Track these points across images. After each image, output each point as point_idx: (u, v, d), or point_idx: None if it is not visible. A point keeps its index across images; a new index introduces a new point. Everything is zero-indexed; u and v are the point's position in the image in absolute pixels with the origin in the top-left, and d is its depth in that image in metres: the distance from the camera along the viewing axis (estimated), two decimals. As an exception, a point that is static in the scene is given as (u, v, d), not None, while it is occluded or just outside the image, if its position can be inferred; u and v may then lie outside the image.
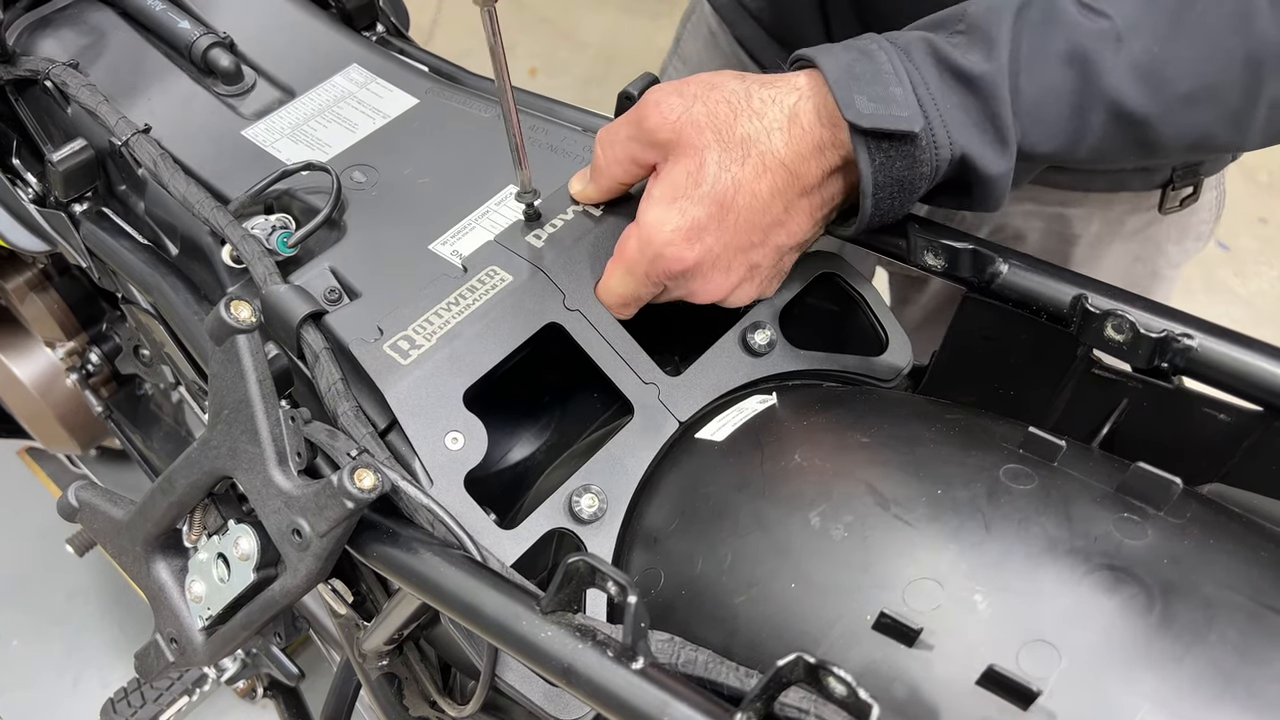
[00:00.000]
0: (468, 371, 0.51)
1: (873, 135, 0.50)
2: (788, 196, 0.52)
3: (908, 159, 0.50)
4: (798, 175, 0.52)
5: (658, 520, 0.50)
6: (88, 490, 0.55)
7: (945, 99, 0.50)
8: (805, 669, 0.33)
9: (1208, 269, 2.10)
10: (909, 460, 0.46)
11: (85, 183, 0.69)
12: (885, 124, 0.49)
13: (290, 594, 0.46)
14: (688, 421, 0.54)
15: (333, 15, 0.79)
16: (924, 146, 0.50)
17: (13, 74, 0.72)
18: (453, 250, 0.57)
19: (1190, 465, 0.46)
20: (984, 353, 0.57)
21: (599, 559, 0.37)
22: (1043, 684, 0.35)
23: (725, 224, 0.52)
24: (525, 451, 0.61)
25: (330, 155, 0.65)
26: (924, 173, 0.51)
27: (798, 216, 0.54)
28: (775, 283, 0.57)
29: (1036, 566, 0.39)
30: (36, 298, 1.01)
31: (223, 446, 0.47)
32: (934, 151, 0.50)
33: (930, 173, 0.51)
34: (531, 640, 0.39)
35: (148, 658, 0.55)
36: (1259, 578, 0.38)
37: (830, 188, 0.53)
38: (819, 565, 0.42)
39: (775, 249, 0.54)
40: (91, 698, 1.46)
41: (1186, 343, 0.47)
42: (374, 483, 0.42)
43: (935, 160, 0.50)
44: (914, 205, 0.54)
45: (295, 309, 0.53)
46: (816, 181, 0.52)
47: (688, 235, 0.51)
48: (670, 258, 0.52)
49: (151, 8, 0.75)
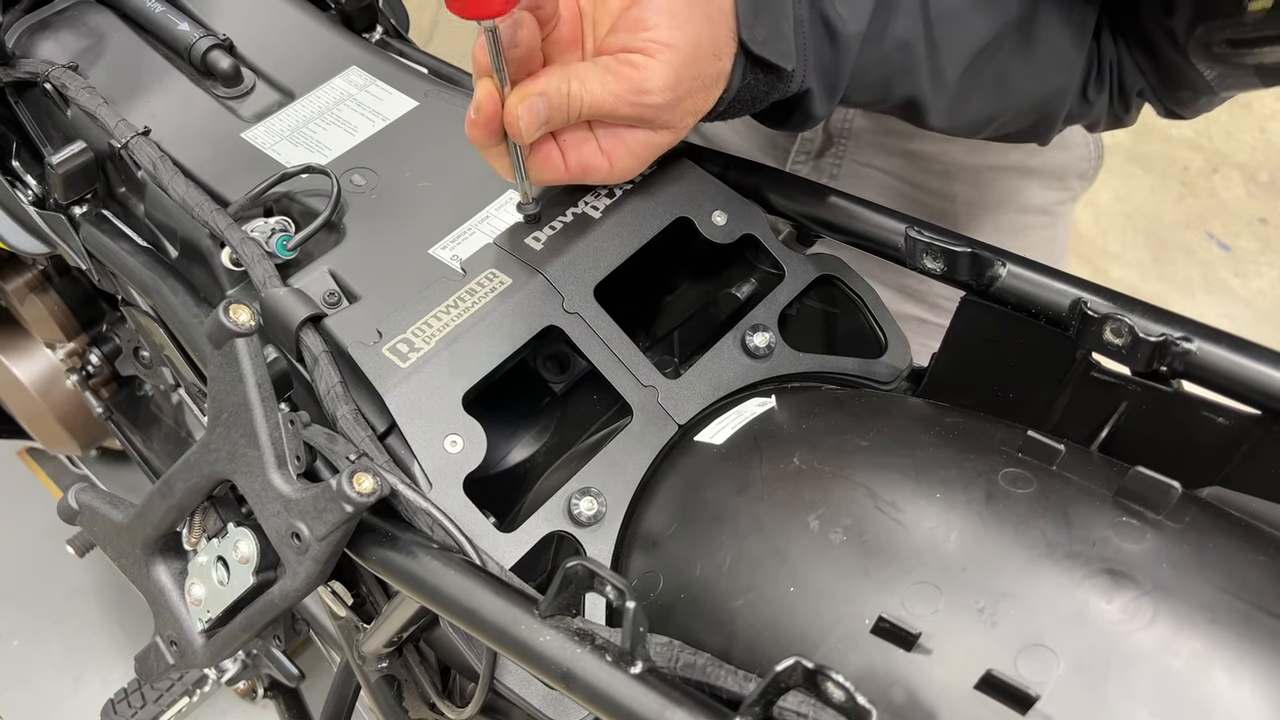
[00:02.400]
0: (467, 374, 0.51)
1: (754, 60, 0.54)
2: None
3: (767, 87, 0.56)
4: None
5: (656, 523, 0.50)
6: (88, 493, 0.55)
7: (812, 42, 0.56)
8: (803, 673, 0.33)
9: (1208, 269, 2.10)
10: (908, 463, 0.46)
11: (85, 185, 0.69)
12: (770, 56, 0.54)
13: (289, 597, 0.46)
14: (687, 424, 0.54)
15: (332, 17, 0.79)
16: (784, 80, 0.56)
17: (12, 76, 0.72)
18: (452, 254, 0.57)
19: (1189, 469, 0.46)
20: (983, 356, 0.57)
21: (598, 563, 0.37)
22: (1041, 688, 0.35)
23: None
24: (524, 454, 0.61)
25: (330, 158, 0.65)
26: (772, 98, 0.57)
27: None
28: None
29: (1035, 570, 0.39)
30: (37, 299, 1.01)
31: (222, 450, 0.47)
32: (788, 85, 0.56)
33: (776, 97, 0.57)
34: (530, 644, 0.39)
35: (148, 660, 0.55)
36: (1258, 582, 0.38)
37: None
38: (817, 569, 0.42)
39: None
40: (92, 698, 1.47)
41: (1185, 346, 0.47)
42: (373, 486, 0.42)
43: (784, 91, 0.56)
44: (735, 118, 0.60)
45: (294, 312, 0.53)
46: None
47: None
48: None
49: (151, 10, 0.75)
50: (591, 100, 0.51)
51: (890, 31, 0.58)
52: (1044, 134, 0.72)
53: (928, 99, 0.62)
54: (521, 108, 0.50)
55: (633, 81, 0.51)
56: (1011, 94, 0.65)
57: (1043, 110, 0.68)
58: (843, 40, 0.56)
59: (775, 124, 0.62)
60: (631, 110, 0.52)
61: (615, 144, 0.54)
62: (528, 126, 0.51)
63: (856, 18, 0.56)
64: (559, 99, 0.51)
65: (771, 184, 0.61)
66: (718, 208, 0.59)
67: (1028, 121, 0.69)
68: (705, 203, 0.59)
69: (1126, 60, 0.69)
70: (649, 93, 0.51)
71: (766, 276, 0.64)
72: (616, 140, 0.54)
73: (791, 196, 0.61)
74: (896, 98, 0.62)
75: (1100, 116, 0.72)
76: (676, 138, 0.55)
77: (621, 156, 0.54)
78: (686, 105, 0.53)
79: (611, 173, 0.55)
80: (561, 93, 0.51)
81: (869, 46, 0.58)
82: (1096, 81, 0.69)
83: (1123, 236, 2.15)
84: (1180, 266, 2.11)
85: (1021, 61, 0.64)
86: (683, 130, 0.55)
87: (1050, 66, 0.65)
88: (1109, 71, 0.69)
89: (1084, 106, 0.70)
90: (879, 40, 0.58)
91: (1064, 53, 0.66)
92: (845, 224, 0.58)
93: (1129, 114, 0.73)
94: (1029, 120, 0.69)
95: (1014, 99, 0.66)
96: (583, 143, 0.54)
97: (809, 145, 0.93)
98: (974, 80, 0.63)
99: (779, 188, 0.61)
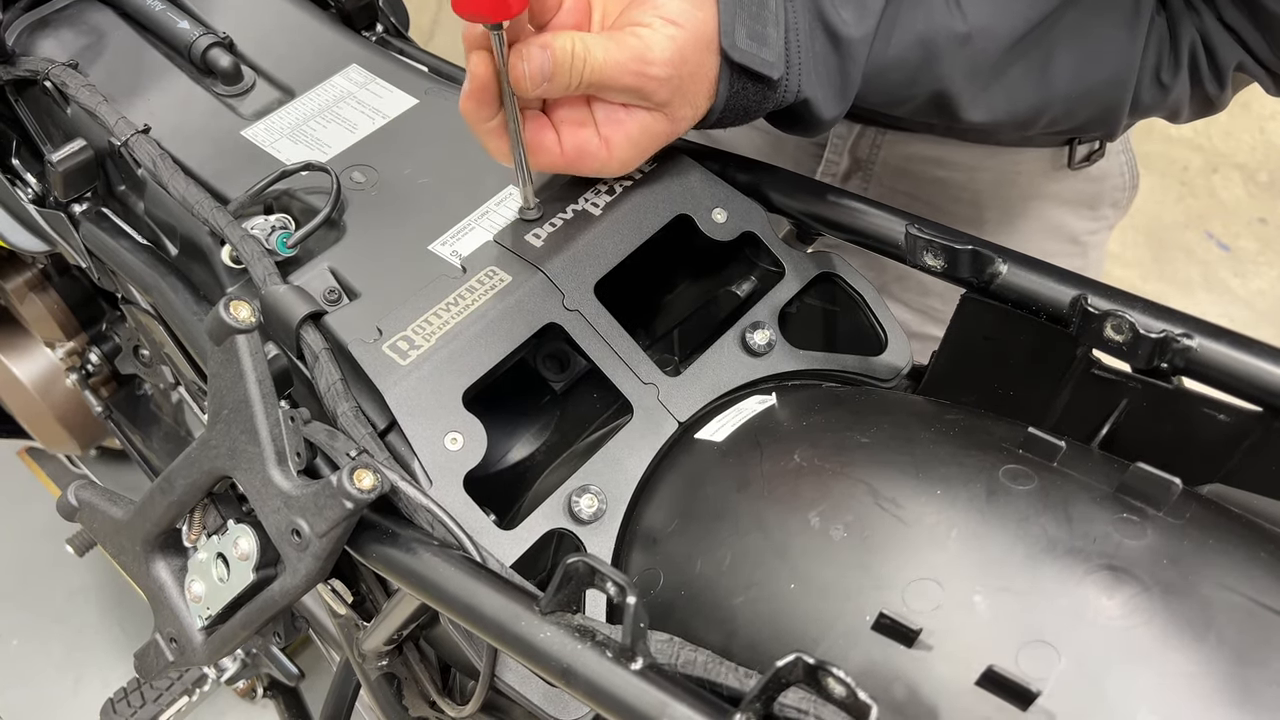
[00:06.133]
0: (467, 372, 0.51)
1: (737, 68, 0.53)
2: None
3: (758, 96, 0.55)
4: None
5: (657, 521, 0.50)
6: (87, 490, 0.55)
7: (810, 49, 0.55)
8: (804, 669, 0.33)
9: (1208, 269, 2.10)
10: (908, 460, 0.46)
11: (85, 183, 0.69)
12: (752, 64, 0.53)
13: (289, 594, 0.46)
14: (687, 422, 0.54)
15: (332, 15, 0.79)
16: (776, 89, 0.55)
17: (12, 74, 0.72)
18: (452, 250, 0.57)
19: (1190, 466, 0.46)
20: (983, 353, 0.57)
21: (598, 559, 0.37)
22: (1042, 684, 0.35)
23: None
24: (524, 452, 0.61)
25: (330, 155, 0.65)
26: (766, 107, 0.56)
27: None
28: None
29: (1036, 567, 0.39)
30: (36, 298, 1.01)
31: (222, 446, 0.47)
32: (782, 94, 0.55)
33: (771, 107, 0.56)
34: (530, 641, 0.39)
35: (147, 657, 0.55)
36: (1258, 578, 0.38)
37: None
38: (818, 566, 0.42)
39: None
40: (92, 697, 1.46)
41: (1186, 343, 0.47)
42: (373, 483, 0.42)
43: (779, 100, 0.56)
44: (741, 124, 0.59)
45: (294, 309, 0.53)
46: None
47: None
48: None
49: (151, 8, 0.75)
50: (595, 65, 0.50)
51: (906, 29, 0.57)
52: (1110, 126, 0.68)
53: (959, 92, 0.60)
54: (527, 53, 0.49)
55: (636, 50, 0.50)
56: (1058, 82, 0.62)
57: (1101, 100, 0.65)
58: (847, 45, 0.55)
59: (786, 129, 0.61)
60: (633, 80, 0.51)
61: (614, 130, 0.53)
62: (532, 77, 0.50)
63: (863, 20, 0.55)
64: (564, 56, 0.50)
65: (771, 182, 0.61)
66: (718, 205, 0.59)
67: (1086, 114, 0.66)
68: (705, 200, 0.59)
69: (1217, 32, 0.63)
70: (651, 63, 0.50)
71: (766, 274, 0.64)
72: (615, 126, 0.53)
73: (791, 194, 0.61)
74: (922, 95, 0.60)
75: (1181, 103, 0.68)
76: (674, 129, 0.55)
77: (619, 144, 0.53)
78: (686, 92, 0.53)
79: (609, 160, 0.54)
80: (566, 50, 0.50)
81: (881, 47, 0.56)
82: (1171, 63, 0.65)
83: (1122, 236, 2.15)
84: (1180, 266, 2.11)
85: (1067, 45, 0.61)
86: (679, 123, 0.54)
87: (1102, 49, 0.62)
88: (1188, 50, 0.64)
89: (1158, 92, 0.66)
90: (890, 39, 0.57)
91: (1115, 32, 0.62)
92: (845, 221, 0.58)
93: (1223, 93, 0.67)
94: (1087, 112, 0.66)
95: (1061, 87, 0.63)
96: (580, 125, 0.54)
97: (834, 168, 0.90)
98: (1014, 68, 0.60)
99: (779, 185, 0.61)
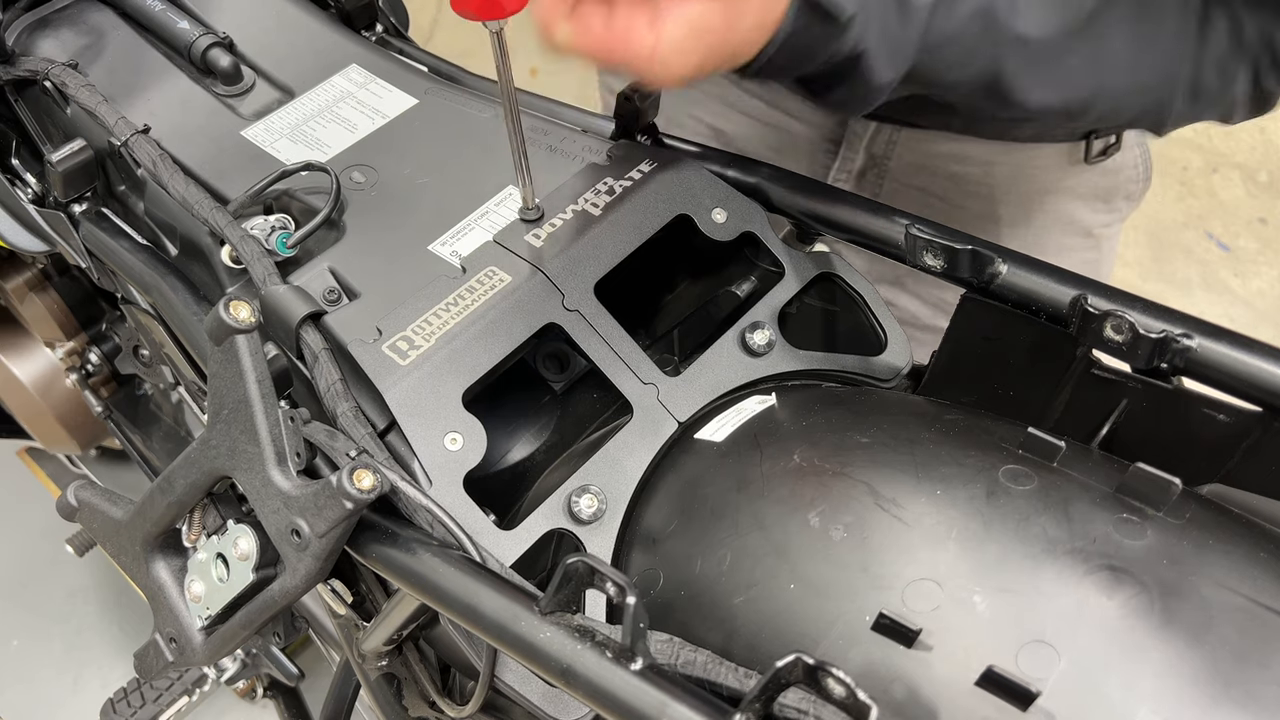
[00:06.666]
0: (467, 372, 0.51)
1: (808, 3, 0.51)
2: None
3: (821, 37, 0.53)
4: None
5: (657, 521, 0.50)
6: (87, 490, 0.55)
7: (879, 6, 0.53)
8: (804, 669, 0.33)
9: (1208, 269, 2.10)
10: (908, 460, 0.45)
11: (84, 183, 0.69)
12: (824, 1, 0.51)
13: (289, 594, 0.46)
14: (687, 422, 0.54)
15: (332, 15, 0.79)
16: (838, 34, 0.52)
17: (12, 74, 0.72)
18: (452, 250, 0.57)
19: (1190, 466, 0.46)
20: (983, 353, 0.57)
21: (598, 559, 0.37)
22: (1042, 685, 0.35)
23: None
24: (524, 452, 0.61)
25: (329, 155, 0.65)
26: (824, 56, 0.54)
27: None
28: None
29: (1036, 567, 0.39)
30: (36, 298, 1.01)
31: (222, 446, 0.47)
32: (841, 41, 0.53)
33: (829, 57, 0.54)
34: (530, 641, 0.39)
35: (147, 657, 0.55)
36: (1258, 578, 0.38)
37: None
38: (818, 566, 0.42)
39: None
40: (91, 697, 1.46)
41: (1186, 343, 0.47)
42: (373, 483, 0.42)
43: (838, 50, 0.53)
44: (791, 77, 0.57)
45: (294, 309, 0.53)
46: None
47: None
48: None
49: (151, 8, 0.75)
50: None
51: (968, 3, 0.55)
52: (1158, 121, 0.66)
53: (1014, 73, 0.58)
54: None
55: None
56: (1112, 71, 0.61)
57: (1155, 92, 0.63)
58: (912, 8, 0.54)
59: (824, 96, 0.58)
60: None
61: (671, 4, 0.48)
62: None
63: None
64: None
65: (771, 182, 0.61)
66: (718, 205, 0.59)
67: (1138, 105, 0.64)
68: (705, 200, 0.59)
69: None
70: None
71: (766, 274, 0.64)
72: (671, 3, 0.48)
73: (792, 194, 0.61)
74: (976, 74, 0.58)
75: (1238, 100, 0.65)
76: (729, 36, 0.49)
77: (670, 31, 0.48)
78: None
79: (654, 54, 0.48)
80: None
81: (942, 17, 0.55)
82: (1234, 54, 0.62)
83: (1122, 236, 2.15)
84: (1180, 266, 2.11)
85: (1124, 33, 0.59)
86: (735, 29, 0.50)
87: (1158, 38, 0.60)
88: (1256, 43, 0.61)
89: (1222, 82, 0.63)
90: (953, 12, 0.55)
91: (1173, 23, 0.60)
92: (845, 221, 0.58)
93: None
94: (1139, 104, 0.64)
95: (1117, 75, 0.61)
96: (634, 5, 0.48)
97: (850, 164, 0.89)
98: (1070, 50, 0.59)
99: (779, 185, 0.61)
